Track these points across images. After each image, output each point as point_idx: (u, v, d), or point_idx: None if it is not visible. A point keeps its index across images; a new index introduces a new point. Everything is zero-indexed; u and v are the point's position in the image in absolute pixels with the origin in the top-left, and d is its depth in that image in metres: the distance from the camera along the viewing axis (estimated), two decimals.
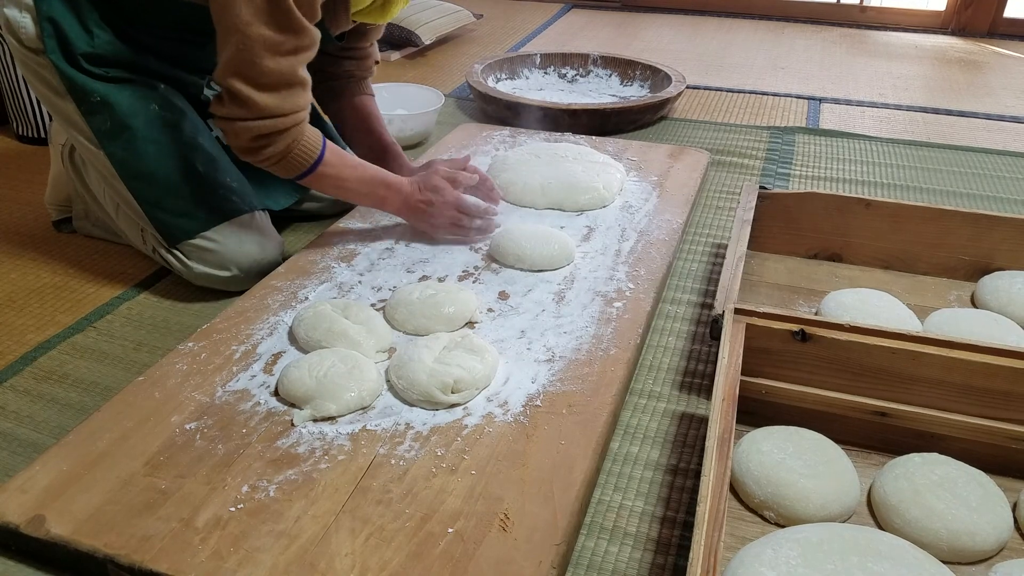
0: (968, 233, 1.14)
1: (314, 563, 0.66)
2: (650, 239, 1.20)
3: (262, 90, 0.95)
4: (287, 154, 1.01)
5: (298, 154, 1.02)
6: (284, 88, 0.96)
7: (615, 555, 0.74)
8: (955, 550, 0.71)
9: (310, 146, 1.03)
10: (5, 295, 1.15)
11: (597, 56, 2.09)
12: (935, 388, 0.82)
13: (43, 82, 1.08)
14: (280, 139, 0.99)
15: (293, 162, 1.03)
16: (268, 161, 1.02)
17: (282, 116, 0.98)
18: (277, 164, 1.03)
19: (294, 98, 0.98)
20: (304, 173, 1.05)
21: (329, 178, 1.07)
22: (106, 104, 1.06)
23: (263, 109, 0.96)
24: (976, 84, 2.24)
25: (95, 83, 1.05)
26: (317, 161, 1.04)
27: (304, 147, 1.02)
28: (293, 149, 1.01)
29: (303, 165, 1.04)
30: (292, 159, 1.02)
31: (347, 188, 1.11)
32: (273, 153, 1.00)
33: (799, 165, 1.62)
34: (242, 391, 0.86)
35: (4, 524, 0.70)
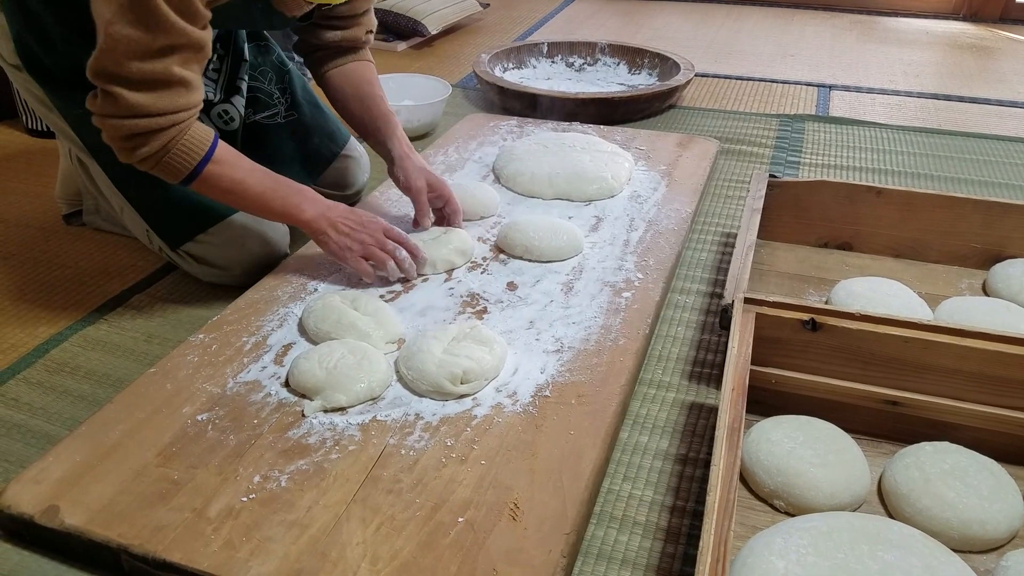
0: (980, 221, 1.13)
1: (325, 552, 0.67)
2: (659, 229, 1.20)
3: (132, 88, 0.86)
4: (164, 155, 0.91)
5: (178, 153, 0.91)
6: (160, 88, 0.87)
7: (625, 544, 0.74)
8: (966, 539, 0.71)
9: (194, 144, 0.92)
10: (17, 288, 1.16)
11: (605, 44, 2.08)
12: (946, 377, 0.82)
13: (31, 95, 1.09)
14: (155, 138, 0.89)
15: (173, 162, 0.92)
16: (146, 163, 0.92)
17: (157, 115, 0.88)
18: (157, 166, 0.92)
19: (172, 97, 0.88)
20: (190, 175, 0.94)
21: (222, 179, 0.96)
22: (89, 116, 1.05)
23: (133, 107, 0.86)
24: (988, 70, 2.22)
25: (76, 95, 1.04)
26: (204, 160, 0.93)
27: (186, 145, 0.91)
28: (171, 148, 0.91)
29: (186, 165, 0.93)
30: (172, 159, 0.91)
31: (247, 193, 0.98)
32: (148, 154, 0.90)
33: (809, 153, 1.61)
34: (253, 382, 0.87)
35: (19, 514, 0.71)
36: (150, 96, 0.87)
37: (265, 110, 1.26)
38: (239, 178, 0.97)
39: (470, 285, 1.05)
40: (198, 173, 0.94)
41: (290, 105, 1.29)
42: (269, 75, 1.27)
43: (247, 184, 0.98)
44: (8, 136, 1.68)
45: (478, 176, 1.37)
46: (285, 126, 1.28)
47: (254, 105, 1.25)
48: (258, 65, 1.26)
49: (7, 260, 1.23)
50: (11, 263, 1.22)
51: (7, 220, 1.34)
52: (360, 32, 1.18)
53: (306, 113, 1.30)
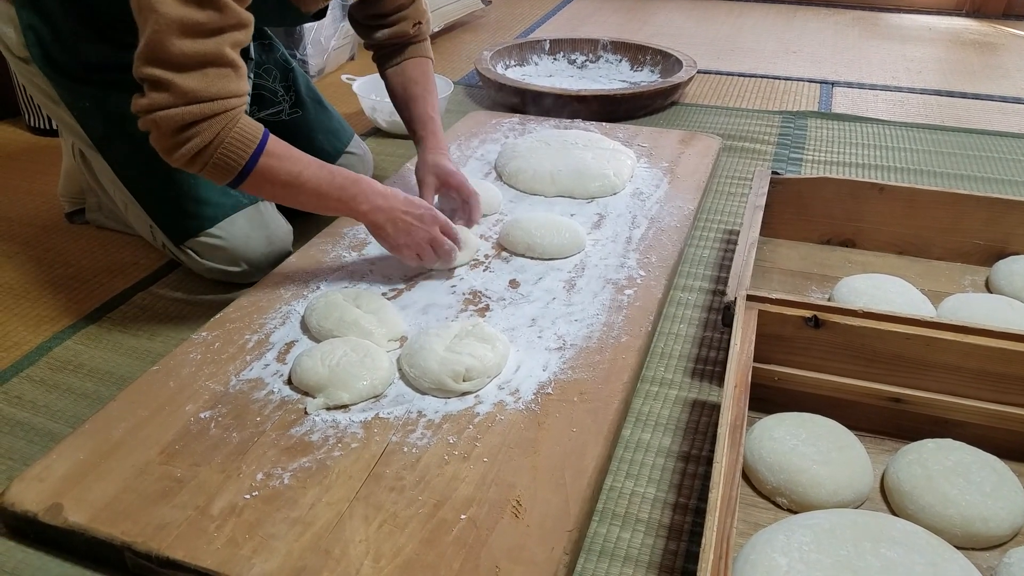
0: (983, 217, 1.13)
1: (328, 549, 0.67)
2: (661, 226, 1.20)
3: (183, 71, 0.83)
4: (218, 146, 0.86)
5: (231, 144, 0.87)
6: (209, 68, 0.84)
7: (627, 541, 0.74)
8: (969, 536, 0.71)
9: (246, 135, 0.88)
10: (20, 286, 1.16)
11: (607, 41, 2.08)
12: (949, 374, 0.82)
13: (37, 89, 1.09)
14: (207, 127, 0.85)
15: (227, 155, 0.87)
16: (198, 160, 0.87)
17: (209, 100, 0.84)
18: (209, 162, 0.87)
19: (223, 81, 0.85)
20: (244, 170, 0.89)
21: (279, 173, 0.91)
22: (97, 109, 1.05)
23: (186, 92, 0.83)
24: (991, 66, 2.21)
25: (83, 88, 1.04)
26: (258, 151, 0.89)
27: (238, 136, 0.87)
28: (224, 139, 0.86)
29: (240, 158, 0.88)
30: (225, 151, 0.87)
31: (304, 186, 0.93)
32: (201, 146, 0.86)
33: (811, 150, 1.61)
34: (256, 380, 0.87)
35: (23, 512, 0.71)
36: (201, 80, 0.84)
37: (270, 107, 1.27)
38: (296, 171, 0.92)
39: (472, 283, 1.05)
40: (251, 168, 0.89)
41: (294, 103, 1.29)
42: (273, 73, 1.27)
43: (304, 177, 0.93)
44: (10, 134, 1.68)
45: (480, 174, 1.37)
46: (289, 124, 1.28)
47: (259, 103, 1.25)
48: (263, 63, 1.26)
49: (10, 258, 1.23)
50: (14, 261, 1.22)
51: (10, 218, 1.34)
52: (407, 27, 1.18)
53: (310, 111, 1.30)
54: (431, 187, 1.14)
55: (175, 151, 0.87)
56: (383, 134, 1.69)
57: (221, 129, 0.86)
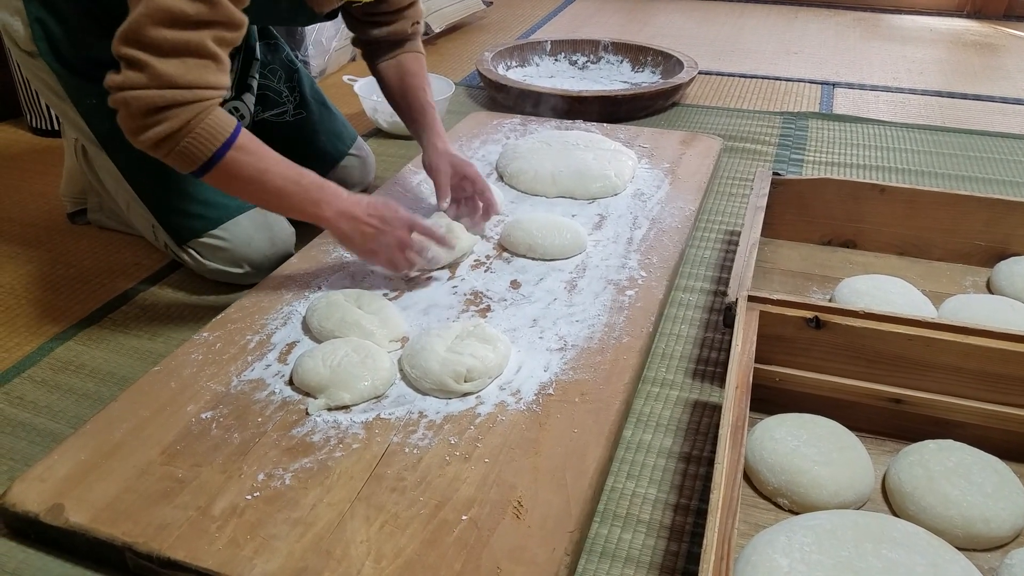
0: (984, 218, 1.13)
1: (330, 550, 0.67)
2: (662, 227, 1.20)
3: (161, 56, 0.82)
4: (185, 135, 0.85)
5: (199, 134, 0.85)
6: (189, 57, 0.83)
7: (628, 542, 0.74)
8: (970, 537, 0.71)
9: (216, 127, 0.86)
10: (22, 286, 1.16)
11: (608, 42, 2.08)
12: (950, 374, 0.82)
13: (43, 84, 1.09)
14: (178, 113, 0.84)
15: (192, 145, 0.85)
16: (163, 145, 0.85)
17: (183, 88, 0.83)
18: (174, 149, 0.86)
19: (201, 71, 0.84)
20: (208, 162, 0.87)
21: (243, 167, 0.89)
22: (103, 106, 1.05)
23: (161, 76, 0.82)
24: (992, 67, 2.21)
25: (90, 85, 1.04)
26: (226, 145, 0.87)
27: (208, 127, 0.86)
28: (193, 128, 0.85)
29: (206, 149, 0.86)
30: (192, 140, 0.85)
31: (268, 184, 0.91)
32: (168, 132, 0.84)
33: (812, 151, 1.61)
34: (257, 380, 0.87)
35: (24, 513, 0.71)
36: (179, 67, 0.83)
37: (274, 108, 1.27)
38: (262, 168, 0.91)
39: (474, 283, 1.05)
40: (217, 160, 0.87)
41: (299, 104, 1.29)
42: (279, 73, 1.28)
43: (269, 175, 0.91)
44: (13, 135, 1.69)
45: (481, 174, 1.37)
46: (293, 124, 1.28)
47: (263, 103, 1.25)
48: (268, 63, 1.26)
49: (12, 259, 1.23)
50: (16, 261, 1.22)
51: (12, 219, 1.35)
52: (406, 25, 1.18)
53: (314, 112, 1.31)
54: (447, 176, 1.14)
55: (141, 133, 0.85)
56: (384, 135, 1.69)
57: (192, 117, 0.85)
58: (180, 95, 0.84)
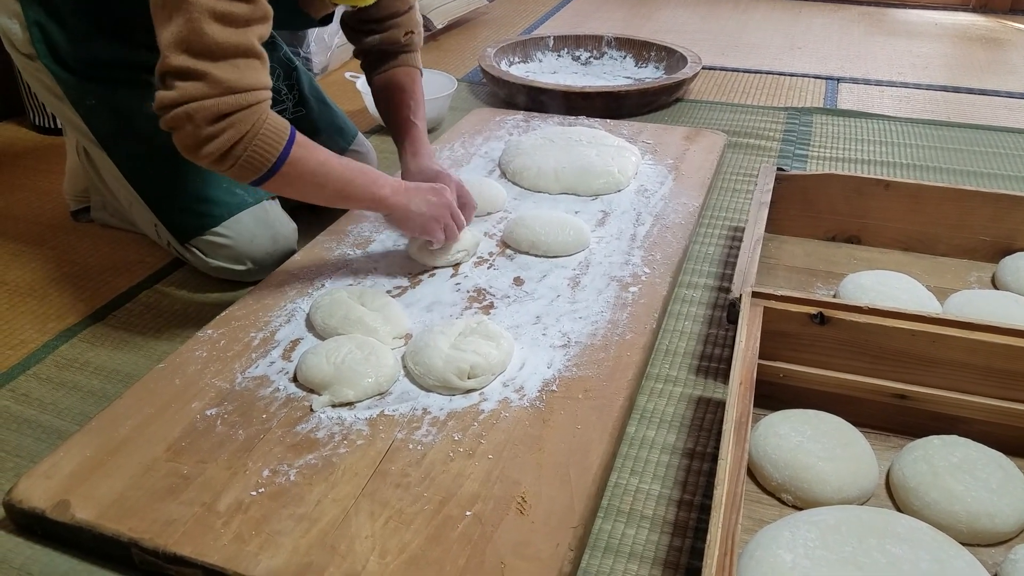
0: (989, 213, 1.12)
1: (335, 546, 0.67)
2: (666, 223, 1.20)
3: (217, 60, 0.82)
4: (252, 137, 0.86)
5: (266, 135, 0.87)
6: (241, 58, 0.84)
7: (632, 537, 0.75)
8: (974, 532, 0.71)
9: (277, 127, 0.88)
10: (26, 284, 1.16)
11: (611, 38, 2.07)
12: (955, 370, 0.81)
13: (42, 86, 1.09)
14: (242, 118, 0.84)
15: (261, 147, 0.87)
16: (232, 153, 0.86)
17: (243, 91, 0.84)
18: (242, 156, 0.86)
19: (253, 72, 0.85)
20: (275, 164, 0.89)
21: (307, 163, 0.91)
22: (103, 107, 1.05)
23: (222, 82, 0.82)
24: (998, 62, 2.20)
25: (89, 85, 1.04)
26: (288, 144, 0.89)
27: (270, 128, 0.87)
28: (259, 130, 0.86)
29: (272, 150, 0.88)
30: (259, 143, 0.86)
31: (330, 174, 0.94)
32: (235, 137, 0.85)
33: (817, 146, 1.60)
34: (261, 377, 0.87)
35: (30, 509, 0.71)
36: (235, 70, 0.83)
37: (273, 106, 1.26)
38: (322, 159, 0.93)
39: (476, 280, 1.06)
40: (283, 160, 0.89)
41: (298, 101, 1.29)
42: (277, 71, 1.27)
43: (330, 166, 0.94)
44: (15, 133, 1.69)
45: (484, 171, 1.37)
46: (293, 122, 1.28)
47: None
48: None
49: (16, 256, 1.23)
50: (20, 259, 1.22)
51: (16, 216, 1.35)
52: (398, 34, 1.17)
53: (314, 109, 1.30)
54: None
55: (206, 144, 0.84)
56: (386, 131, 1.68)
57: (255, 121, 0.86)
58: (242, 99, 0.84)
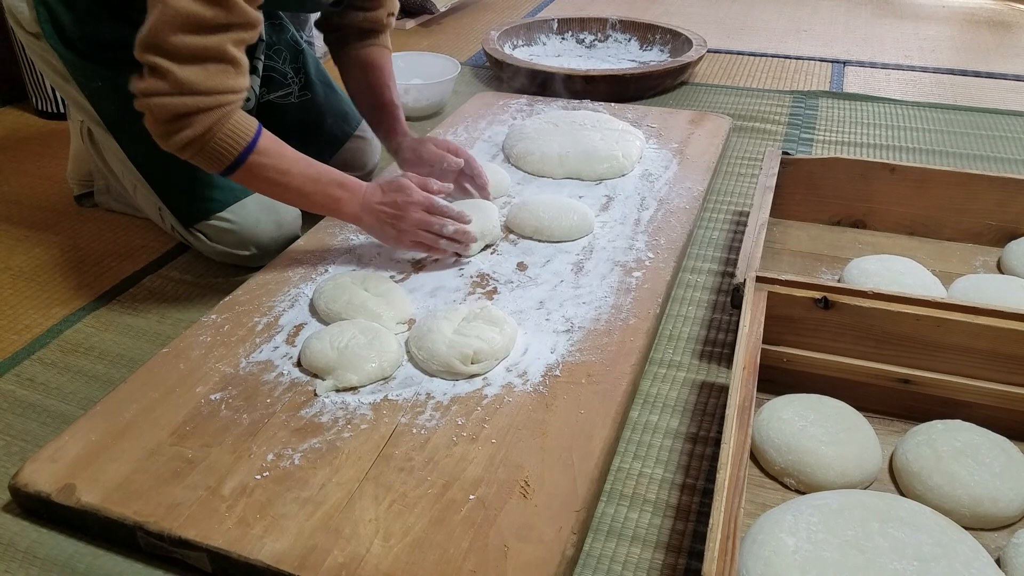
0: (995, 198, 1.12)
1: (339, 529, 0.67)
2: (670, 207, 1.19)
3: (182, 63, 0.84)
4: (209, 139, 0.88)
5: (222, 139, 0.88)
6: (210, 63, 0.85)
7: (635, 521, 0.75)
8: (977, 516, 0.71)
9: (238, 131, 0.89)
10: (31, 269, 1.16)
11: (616, 20, 2.06)
12: (959, 355, 0.81)
13: (49, 66, 1.08)
14: (199, 120, 0.86)
15: (217, 149, 0.89)
16: (188, 149, 0.88)
17: (204, 94, 0.85)
18: (199, 153, 0.89)
19: (222, 77, 0.86)
20: (233, 164, 0.91)
21: (265, 170, 0.93)
22: (109, 88, 1.05)
23: (182, 83, 0.84)
24: (1005, 45, 2.18)
25: (96, 68, 1.04)
26: (248, 149, 0.90)
27: (230, 131, 0.89)
28: (216, 133, 0.88)
29: (229, 153, 0.89)
30: (215, 145, 0.88)
31: (289, 185, 0.95)
32: (192, 137, 0.87)
33: (822, 130, 1.59)
34: (265, 362, 0.87)
35: (36, 493, 0.72)
36: (200, 73, 0.85)
37: (279, 89, 1.26)
38: (283, 169, 0.94)
39: (480, 265, 1.05)
40: (242, 162, 0.91)
41: (304, 85, 1.28)
42: (284, 54, 1.27)
43: (290, 176, 0.95)
44: (19, 118, 1.69)
45: (488, 156, 1.37)
46: (299, 106, 1.28)
47: (268, 84, 1.24)
48: (273, 44, 1.25)
49: (20, 241, 1.23)
50: (24, 244, 1.23)
51: (20, 202, 1.35)
52: (382, 15, 1.17)
53: (319, 93, 1.30)
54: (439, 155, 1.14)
55: (167, 138, 0.88)
56: None
57: (213, 123, 0.87)
58: (201, 101, 0.86)
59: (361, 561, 0.65)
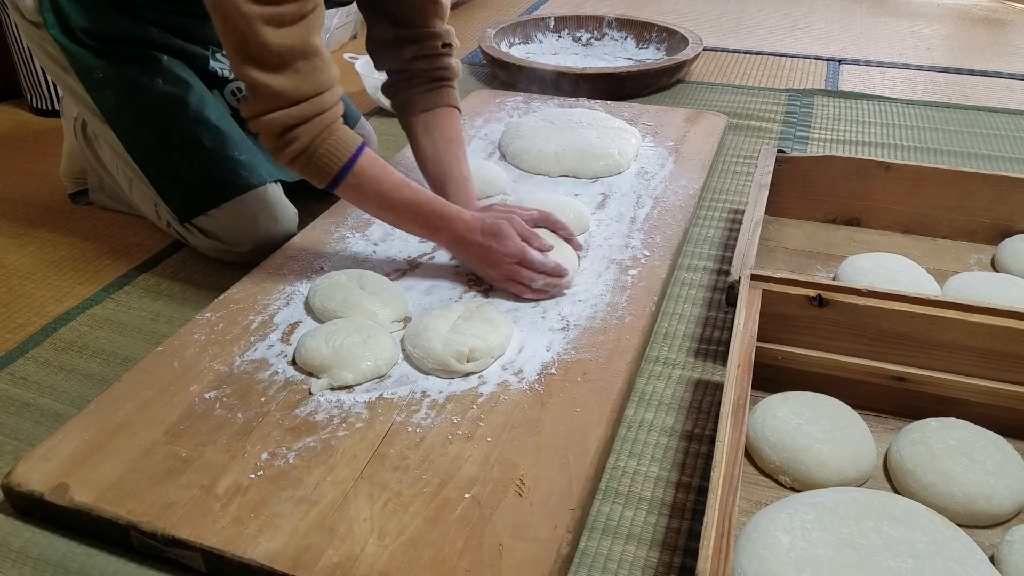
0: (989, 196, 1.12)
1: (333, 528, 0.67)
2: (666, 205, 1.19)
3: (273, 71, 0.85)
4: (312, 153, 0.90)
5: (324, 153, 0.90)
6: (299, 60, 0.85)
7: (630, 519, 0.75)
8: (971, 514, 0.71)
9: (341, 143, 0.91)
10: (24, 267, 1.16)
11: (612, 18, 2.06)
12: (954, 352, 0.81)
13: (48, 56, 1.08)
14: (305, 131, 0.88)
15: (320, 160, 0.90)
16: (297, 163, 0.91)
17: (303, 100, 0.87)
18: (306, 166, 0.91)
19: (313, 74, 0.87)
20: (336, 177, 0.92)
21: (366, 189, 0.94)
22: (109, 80, 1.04)
23: (280, 94, 0.85)
24: (1000, 43, 2.18)
25: (97, 59, 1.04)
26: (350, 163, 0.91)
27: (334, 143, 0.90)
28: (319, 148, 0.89)
29: (332, 165, 0.91)
30: (319, 156, 0.90)
31: (390, 207, 0.96)
32: (300, 149, 0.89)
33: (818, 128, 1.59)
34: (260, 360, 0.87)
35: (29, 492, 0.71)
36: (292, 77, 0.85)
37: None
38: (382, 192, 0.95)
39: None
40: (340, 179, 0.92)
41: None
42: None
43: (390, 200, 0.95)
44: (12, 115, 1.68)
45: (484, 154, 1.37)
46: None
47: None
48: None
49: (14, 239, 1.23)
50: (18, 242, 1.22)
51: (13, 200, 1.34)
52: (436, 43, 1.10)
53: None
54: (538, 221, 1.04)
55: (278, 153, 0.90)
56: (386, 114, 1.68)
57: (317, 135, 0.89)
58: (301, 111, 0.87)
59: (356, 560, 0.65)
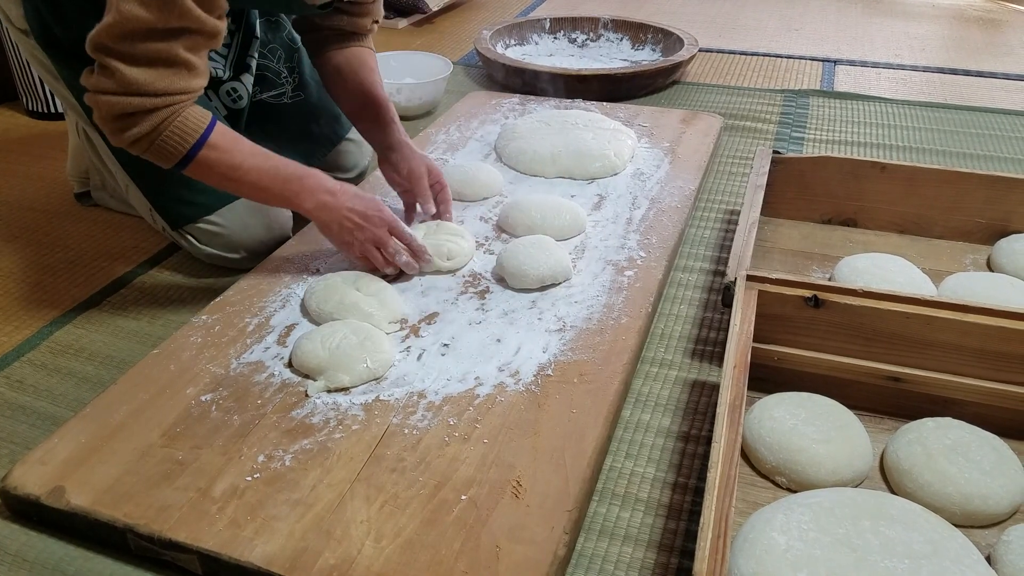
0: (984, 196, 1.12)
1: (330, 530, 0.67)
2: (662, 206, 1.19)
3: (131, 64, 0.83)
4: (156, 137, 0.87)
5: (169, 136, 0.88)
6: (160, 67, 0.85)
7: (627, 520, 0.75)
8: (968, 514, 0.71)
9: (188, 127, 0.88)
10: (21, 270, 1.16)
11: (608, 20, 2.06)
12: (949, 352, 0.82)
13: (38, 63, 1.08)
14: (146, 119, 0.86)
15: (165, 146, 0.88)
16: (137, 146, 0.88)
17: (152, 95, 0.85)
18: (148, 149, 0.89)
19: (172, 78, 0.85)
20: (183, 160, 0.90)
21: (218, 165, 0.91)
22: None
23: (130, 83, 0.83)
24: (995, 43, 2.19)
25: (83, 65, 1.03)
26: (198, 145, 0.89)
27: (179, 128, 0.88)
28: (163, 131, 0.87)
29: (178, 149, 0.89)
30: (163, 142, 0.88)
31: (244, 180, 0.94)
32: (139, 135, 0.86)
33: (813, 129, 1.60)
34: (256, 363, 0.87)
35: (25, 495, 0.71)
36: (150, 74, 0.84)
37: (272, 89, 1.25)
38: (236, 163, 0.92)
39: (473, 265, 1.05)
40: (191, 158, 0.90)
41: (297, 85, 1.27)
42: (279, 53, 1.26)
43: (244, 170, 0.93)
44: (8, 119, 1.68)
45: (480, 155, 1.37)
46: (292, 106, 1.27)
47: (261, 84, 1.23)
48: (268, 42, 1.24)
49: (10, 243, 1.23)
50: (14, 245, 1.22)
51: (9, 202, 1.34)
52: (367, 22, 1.15)
53: (313, 94, 1.29)
54: (426, 177, 1.11)
55: (116, 135, 0.88)
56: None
57: (161, 122, 0.87)
58: (148, 102, 0.85)
59: (352, 562, 0.65)
